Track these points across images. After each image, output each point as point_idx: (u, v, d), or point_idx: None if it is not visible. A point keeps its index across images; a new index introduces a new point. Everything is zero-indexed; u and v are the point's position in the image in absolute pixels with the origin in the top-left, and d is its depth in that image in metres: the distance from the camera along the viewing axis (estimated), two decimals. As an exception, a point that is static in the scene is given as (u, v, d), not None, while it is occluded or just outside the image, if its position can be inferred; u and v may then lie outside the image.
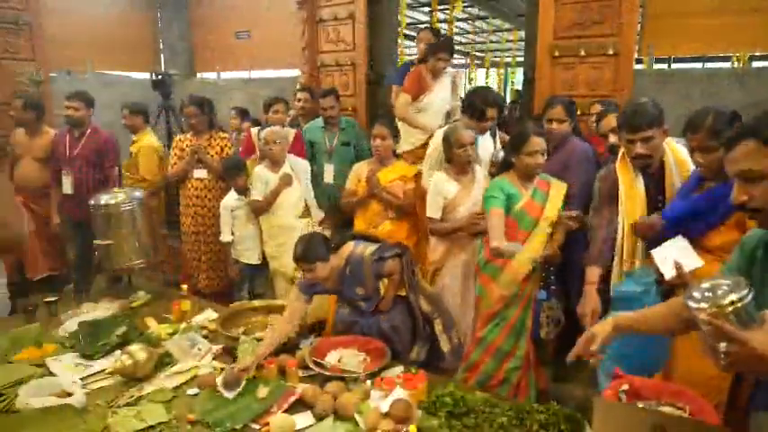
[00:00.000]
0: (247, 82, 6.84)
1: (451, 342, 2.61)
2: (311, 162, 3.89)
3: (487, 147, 3.25)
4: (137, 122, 4.34)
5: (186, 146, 3.91)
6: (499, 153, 3.12)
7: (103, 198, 3.25)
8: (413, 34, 7.54)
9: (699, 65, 6.50)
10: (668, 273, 1.95)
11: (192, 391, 2.15)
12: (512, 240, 2.55)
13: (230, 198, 3.63)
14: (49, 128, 4.17)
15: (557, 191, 2.70)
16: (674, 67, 6.00)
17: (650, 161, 2.26)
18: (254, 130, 4.11)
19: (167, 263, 4.55)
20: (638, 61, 4.33)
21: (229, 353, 2.44)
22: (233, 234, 3.63)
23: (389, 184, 3.22)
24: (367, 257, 2.44)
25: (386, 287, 2.56)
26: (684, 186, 2.19)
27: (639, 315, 1.58)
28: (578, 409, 1.84)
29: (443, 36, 4.55)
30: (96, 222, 3.28)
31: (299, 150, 3.85)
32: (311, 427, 1.90)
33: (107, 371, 2.28)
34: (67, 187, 3.92)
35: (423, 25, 8.61)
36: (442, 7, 7.59)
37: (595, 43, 3.63)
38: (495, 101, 3.14)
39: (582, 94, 3.69)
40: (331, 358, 2.32)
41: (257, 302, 3.04)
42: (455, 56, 13.56)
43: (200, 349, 2.46)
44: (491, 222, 2.56)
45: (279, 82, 6.19)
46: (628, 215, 2.31)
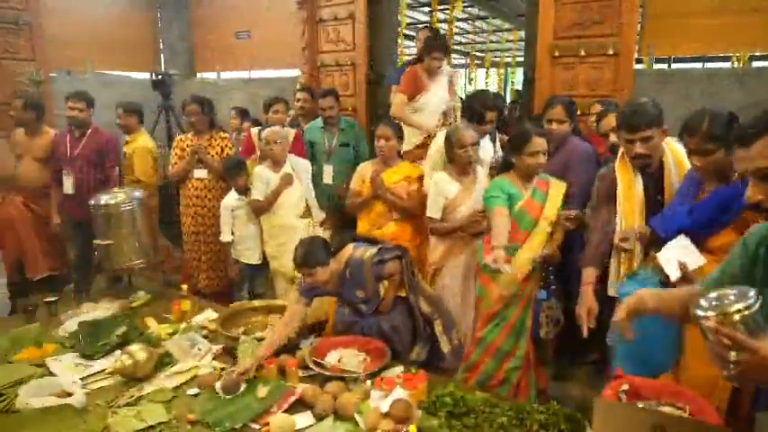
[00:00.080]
0: (247, 82, 6.83)
1: (452, 343, 2.61)
2: (311, 162, 3.88)
3: (487, 149, 3.25)
4: (131, 123, 4.31)
5: (187, 146, 3.91)
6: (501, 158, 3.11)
7: (103, 198, 3.26)
8: (413, 34, 7.53)
9: (699, 65, 6.49)
10: (674, 274, 1.95)
11: (192, 391, 2.15)
12: (512, 241, 2.55)
13: (230, 198, 3.63)
14: (49, 128, 4.16)
15: (556, 190, 2.70)
16: (674, 67, 5.99)
17: (649, 161, 2.26)
18: (254, 130, 4.10)
19: (166, 263, 4.55)
20: (638, 61, 4.32)
21: (229, 353, 2.44)
22: (233, 234, 3.63)
23: (394, 185, 3.20)
24: (367, 260, 2.43)
25: (386, 288, 2.56)
26: (681, 190, 2.18)
27: (664, 293, 1.54)
28: (578, 409, 1.84)
29: (438, 34, 4.56)
30: (96, 222, 3.29)
31: (299, 150, 3.84)
32: (311, 427, 1.90)
33: (107, 371, 2.29)
34: (69, 187, 3.91)
35: (422, 25, 8.62)
36: (442, 7, 7.60)
37: (595, 43, 3.63)
38: (495, 104, 3.15)
39: (582, 94, 3.69)
40: (331, 358, 2.32)
41: (257, 302, 3.05)
42: (455, 56, 13.70)
43: (200, 349, 2.46)
44: (495, 221, 2.55)
45: (279, 82, 6.19)
46: (625, 216, 2.31)
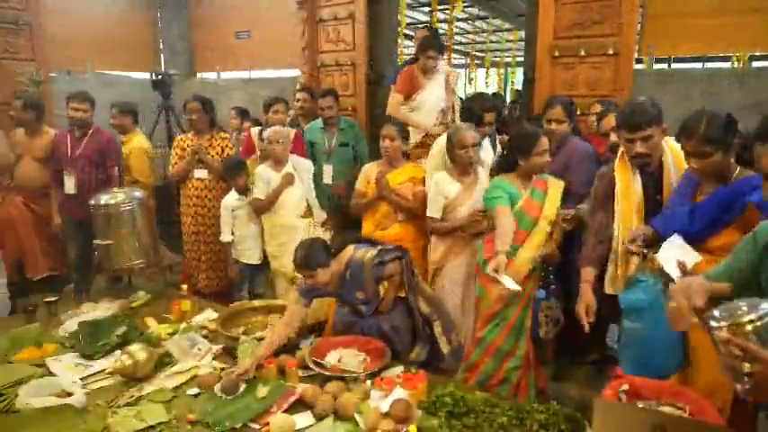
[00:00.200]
0: (247, 82, 6.84)
1: (451, 344, 2.61)
2: (312, 162, 3.88)
3: (488, 151, 3.25)
4: (125, 123, 4.30)
5: (187, 146, 3.91)
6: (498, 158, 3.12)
7: (103, 198, 3.26)
8: (413, 34, 7.54)
9: (699, 65, 6.48)
10: (675, 273, 1.95)
11: (192, 391, 2.15)
12: (513, 241, 2.54)
13: (231, 198, 3.63)
14: (49, 128, 4.16)
15: (555, 189, 2.70)
16: (674, 67, 5.98)
17: (649, 160, 2.25)
18: (255, 130, 4.10)
19: (174, 267, 4.55)
20: (638, 61, 4.32)
21: (229, 353, 2.44)
22: (233, 234, 3.63)
23: (399, 186, 3.19)
24: (367, 262, 2.43)
25: (386, 289, 2.56)
26: (679, 190, 2.17)
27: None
28: (578, 409, 1.84)
29: (433, 34, 4.56)
30: (96, 222, 3.29)
31: (299, 150, 3.84)
32: (311, 427, 1.90)
33: (107, 371, 2.29)
34: (70, 187, 3.91)
35: (421, 25, 8.62)
36: (441, 7, 7.60)
37: (595, 43, 3.63)
38: (493, 105, 3.15)
39: (582, 94, 3.69)
40: (331, 358, 2.32)
41: (257, 302, 3.05)
42: (455, 56, 13.68)
43: (200, 349, 2.46)
44: (500, 221, 2.53)
45: (279, 82, 6.19)
46: (623, 215, 2.31)
